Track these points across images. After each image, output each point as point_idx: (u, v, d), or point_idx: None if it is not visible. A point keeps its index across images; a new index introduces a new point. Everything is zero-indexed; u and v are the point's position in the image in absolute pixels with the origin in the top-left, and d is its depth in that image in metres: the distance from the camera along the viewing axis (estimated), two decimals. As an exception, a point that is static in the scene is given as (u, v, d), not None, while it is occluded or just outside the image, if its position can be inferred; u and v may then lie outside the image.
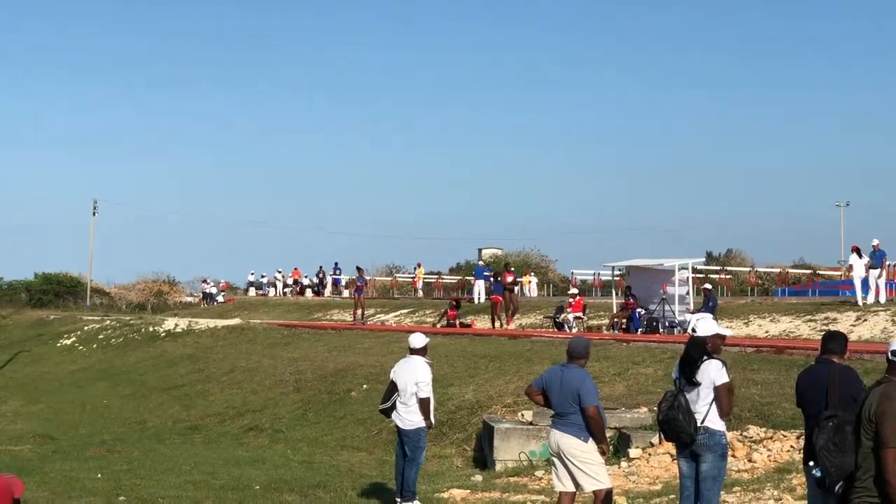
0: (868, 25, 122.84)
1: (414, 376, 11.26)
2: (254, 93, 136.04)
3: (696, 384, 8.16)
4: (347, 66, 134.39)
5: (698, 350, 8.24)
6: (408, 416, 11.33)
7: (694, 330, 8.35)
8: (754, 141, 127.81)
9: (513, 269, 32.97)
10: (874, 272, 26.79)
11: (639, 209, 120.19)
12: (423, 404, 11.28)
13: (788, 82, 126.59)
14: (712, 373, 8.18)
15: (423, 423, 11.35)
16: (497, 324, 30.77)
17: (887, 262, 28.02)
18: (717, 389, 8.16)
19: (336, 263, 56.91)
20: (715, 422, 8.17)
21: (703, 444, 8.14)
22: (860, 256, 27.23)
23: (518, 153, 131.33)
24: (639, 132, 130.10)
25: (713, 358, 8.23)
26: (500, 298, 31.10)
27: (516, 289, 33.83)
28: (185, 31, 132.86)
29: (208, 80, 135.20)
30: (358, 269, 39.13)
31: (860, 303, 26.13)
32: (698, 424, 8.11)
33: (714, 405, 8.16)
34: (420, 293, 51.52)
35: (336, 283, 56.09)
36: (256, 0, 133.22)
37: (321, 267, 57.84)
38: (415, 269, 55.05)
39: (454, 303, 32.96)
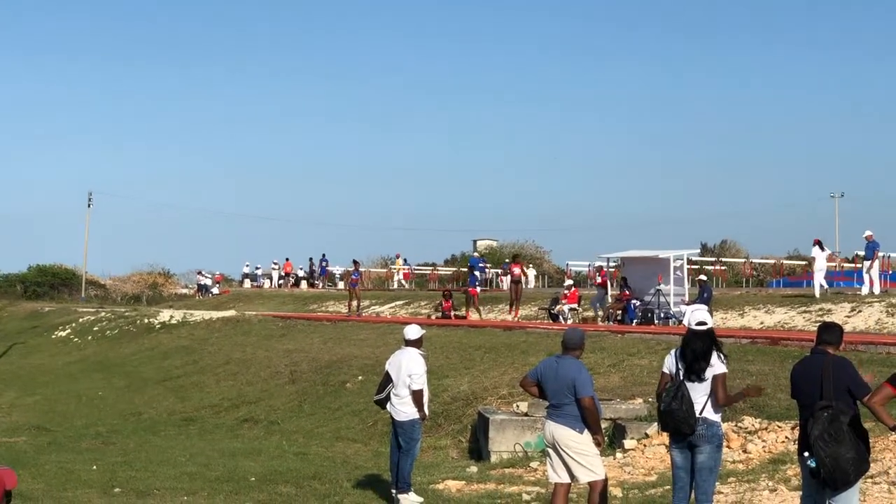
0: (862, 16, 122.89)
1: (407, 368, 11.24)
2: (250, 85, 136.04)
3: (704, 379, 8.15)
4: (345, 59, 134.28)
5: (706, 342, 8.20)
6: (402, 408, 11.32)
7: (702, 323, 8.29)
8: (749, 133, 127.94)
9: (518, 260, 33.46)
10: (867, 263, 26.92)
11: (634, 202, 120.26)
12: (416, 396, 11.27)
13: (783, 74, 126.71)
14: (712, 363, 8.19)
15: (417, 415, 11.33)
16: (473, 314, 31.63)
17: (880, 254, 28.15)
18: (714, 379, 8.17)
19: (323, 255, 57.05)
20: (712, 413, 8.17)
21: (701, 435, 8.13)
22: (822, 249, 28.01)
23: (513, 146, 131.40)
24: (633, 126, 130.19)
25: (714, 349, 8.23)
26: (476, 291, 33.68)
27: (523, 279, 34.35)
28: (182, 23, 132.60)
29: (204, 72, 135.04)
30: (354, 262, 39.10)
31: (817, 294, 26.75)
32: (697, 415, 8.11)
33: (711, 396, 8.16)
34: (400, 284, 51.14)
35: (323, 273, 56.12)
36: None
37: (311, 259, 58.00)
38: (395, 260, 54.72)
39: (447, 293, 33.01)
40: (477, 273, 36.66)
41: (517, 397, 16.61)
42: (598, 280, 31.21)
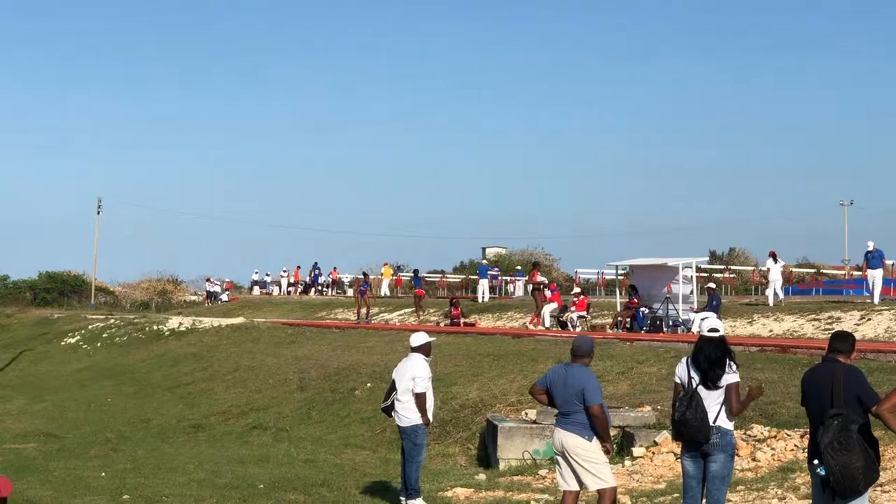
0: (874, 22, 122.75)
1: (411, 372, 11.24)
2: (258, 91, 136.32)
3: (719, 387, 8.13)
4: (351, 64, 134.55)
5: (719, 349, 8.19)
6: (404, 413, 11.29)
7: (714, 329, 8.28)
8: (757, 139, 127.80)
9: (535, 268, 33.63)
10: (874, 272, 26.92)
11: (642, 209, 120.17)
12: (419, 399, 11.21)
13: (792, 80, 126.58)
14: (726, 371, 8.18)
15: (419, 420, 11.26)
16: (416, 317, 31.84)
17: (886, 262, 28.26)
18: (728, 388, 8.15)
19: (315, 263, 57.21)
20: (726, 421, 8.16)
21: (715, 443, 8.10)
22: (776, 262, 29.38)
23: (522, 152, 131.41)
24: (642, 132, 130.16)
25: (726, 357, 8.22)
26: (423, 292, 35.47)
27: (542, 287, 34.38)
28: (191, 29, 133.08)
29: (214, 78, 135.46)
30: (364, 273, 39.31)
31: (771, 303, 28.17)
32: (711, 424, 8.08)
33: (726, 405, 8.14)
34: (386, 294, 50.63)
35: (316, 281, 56.27)
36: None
37: (305, 266, 58.44)
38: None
39: (455, 301, 33.03)
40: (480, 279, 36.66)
41: (526, 405, 16.61)
42: (549, 294, 31.02)
